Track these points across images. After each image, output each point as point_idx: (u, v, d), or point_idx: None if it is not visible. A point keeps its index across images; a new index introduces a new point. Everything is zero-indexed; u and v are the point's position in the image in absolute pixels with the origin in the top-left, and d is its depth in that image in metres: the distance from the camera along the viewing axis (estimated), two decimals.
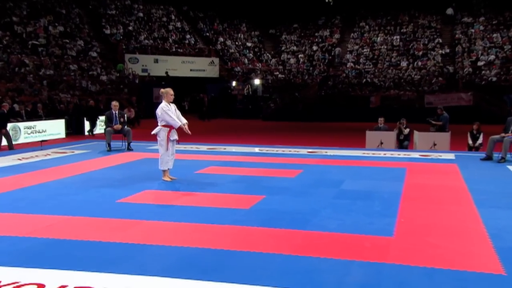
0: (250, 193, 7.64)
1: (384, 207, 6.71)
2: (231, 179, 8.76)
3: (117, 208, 6.58)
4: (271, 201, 7.09)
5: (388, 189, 7.85)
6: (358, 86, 33.24)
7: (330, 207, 6.69)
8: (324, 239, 5.34)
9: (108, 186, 8.02)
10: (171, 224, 5.86)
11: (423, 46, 35.99)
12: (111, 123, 12.37)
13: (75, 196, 7.25)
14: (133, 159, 11.00)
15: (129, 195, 7.35)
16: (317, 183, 8.46)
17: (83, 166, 10.02)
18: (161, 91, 8.52)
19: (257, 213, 6.44)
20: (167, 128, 8.40)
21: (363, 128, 15.83)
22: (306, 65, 37.94)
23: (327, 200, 7.13)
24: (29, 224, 5.74)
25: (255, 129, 25.23)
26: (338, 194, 7.59)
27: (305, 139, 18.67)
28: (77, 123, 20.72)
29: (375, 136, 14.91)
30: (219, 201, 7.11)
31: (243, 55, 39.25)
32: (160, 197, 7.44)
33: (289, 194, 7.52)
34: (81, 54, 29.93)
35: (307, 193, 7.65)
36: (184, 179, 8.69)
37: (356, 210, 6.52)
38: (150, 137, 13.93)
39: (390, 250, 4.98)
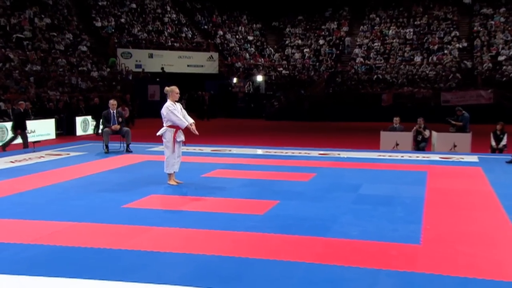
0: (262, 198, 7.76)
1: (407, 213, 6.82)
2: (240, 183, 8.89)
3: (123, 214, 6.69)
4: (286, 206, 7.21)
5: (409, 194, 7.97)
6: (369, 83, 33.38)
7: (350, 213, 6.81)
8: (347, 247, 5.45)
9: (111, 190, 8.14)
10: (183, 231, 5.98)
11: (439, 40, 36.13)
12: (109, 123, 12.48)
13: (77, 201, 7.36)
14: (134, 162, 11.12)
15: (134, 200, 7.47)
16: (333, 187, 8.58)
17: (82, 169, 10.13)
18: (166, 89, 8.64)
19: (272, 219, 6.56)
20: (173, 128, 8.51)
21: (375, 128, 15.97)
22: (312, 60, 38.09)
23: (346, 206, 7.25)
24: (32, 231, 5.85)
25: (258, 129, 25.35)
26: (357, 199, 7.71)
27: (314, 140, 18.78)
28: (68, 123, 20.83)
29: (390, 137, 15.03)
30: (230, 206, 7.23)
31: (244, 50, 39.38)
32: (168, 202, 7.56)
33: (305, 199, 7.64)
34: (69, 48, 30.05)
35: (323, 198, 7.77)
36: (190, 183, 8.80)
37: (378, 216, 6.63)
38: (148, 138, 13.99)
39: (419, 259, 5.08)
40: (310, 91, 33.07)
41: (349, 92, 32.25)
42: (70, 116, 21.09)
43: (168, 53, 34.47)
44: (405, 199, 7.60)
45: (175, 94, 8.59)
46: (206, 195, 7.94)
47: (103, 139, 12.54)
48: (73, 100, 23.12)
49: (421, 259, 5.09)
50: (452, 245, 5.48)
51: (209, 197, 7.81)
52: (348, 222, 6.37)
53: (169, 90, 8.59)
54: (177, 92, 8.61)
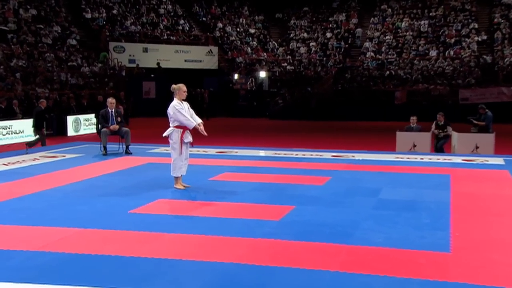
0: (276, 202, 7.91)
1: (433, 219, 6.96)
2: (251, 187, 9.03)
3: (131, 220, 6.82)
4: (302, 212, 7.35)
5: (433, 199, 8.11)
6: (380, 79, 33.55)
7: (371, 219, 6.94)
8: (372, 254, 5.58)
9: (115, 194, 8.29)
10: (197, 237, 6.10)
11: (456, 33, 36.29)
12: (107, 123, 12.62)
13: (80, 206, 7.50)
14: (135, 164, 11.27)
15: (141, 204, 7.61)
16: (351, 191, 8.73)
17: (80, 172, 10.28)
18: (173, 87, 8.78)
19: (289, 225, 6.69)
20: (180, 129, 8.64)
21: (388, 128, 16.13)
22: (319, 54, 38.24)
23: (367, 211, 7.39)
24: (38, 238, 5.98)
25: (262, 129, 25.49)
26: (378, 204, 7.85)
27: (324, 141, 18.92)
28: (58, 122, 20.96)
29: (407, 137, 15.16)
30: (243, 211, 7.36)
31: (246, 44, 39.55)
32: (177, 207, 7.70)
33: (322, 204, 7.79)
34: (58, 42, 30.19)
35: (342, 203, 7.92)
36: (198, 187, 8.94)
37: (402, 223, 6.76)
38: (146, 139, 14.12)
39: (450, 267, 5.21)
40: (317, 88, 33.23)
41: (359, 89, 32.42)
42: (61, 115, 21.22)
43: (164, 47, 34.65)
44: (429, 204, 7.74)
45: (182, 92, 8.73)
46: (216, 199, 8.08)
47: (100, 140, 12.66)
48: (64, 98, 23.24)
49: (452, 267, 5.21)
50: (484, 253, 5.61)
51: (219, 201, 7.96)
52: (371, 229, 6.50)
53: (176, 88, 8.72)
54: (184, 91, 8.75)
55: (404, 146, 15.00)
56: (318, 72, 36.07)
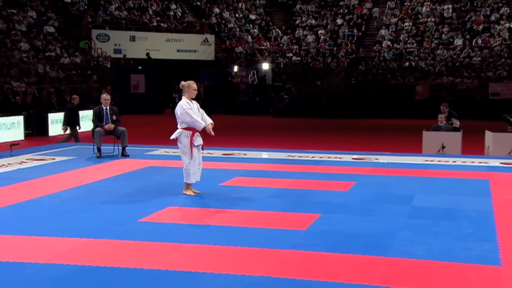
0: (299, 210, 8.13)
1: (477, 229, 7.17)
2: (268, 193, 9.26)
3: (143, 229, 7.03)
4: (330, 220, 7.56)
5: (474, 206, 8.34)
6: (399, 71, 33.79)
7: (408, 229, 7.15)
8: (414, 268, 5.78)
9: (120, 201, 8.51)
10: (218, 249, 6.30)
11: (484, 18, 36.50)
12: (101, 122, 12.80)
13: (84, 214, 7.71)
14: (135, 168, 11.50)
15: (150, 212, 7.82)
16: (380, 198, 8.96)
17: (76, 177, 10.49)
18: (182, 84, 8.96)
19: (318, 235, 6.90)
20: (189, 131, 8.84)
21: (409, 127, 16.37)
22: (329, 44, 38.47)
23: (401, 220, 7.61)
24: (45, 249, 6.18)
25: (267, 128, 25.72)
26: (412, 212, 8.07)
27: (340, 142, 19.15)
28: (38, 120, 21.13)
29: (435, 138, 15.36)
30: (264, 220, 7.58)
31: (246, 32, 39.76)
32: (190, 215, 7.91)
33: (350, 213, 8.01)
34: (33, 29, 30.34)
35: (372, 211, 8.14)
36: (209, 193, 9.17)
37: (442, 233, 6.98)
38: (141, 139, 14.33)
39: (503, 283, 5.42)
40: (327, 82, 33.47)
41: (375, 83, 32.69)
42: (41, 113, 21.39)
43: (154, 36, 34.86)
44: (470, 213, 7.96)
45: (192, 90, 8.91)
46: (232, 207, 8.29)
47: (94, 141, 12.85)
48: (43, 93, 23.42)
49: (505, 283, 5.42)
50: None
51: (235, 209, 8.17)
52: (409, 239, 6.71)
53: (186, 86, 8.90)
54: (194, 89, 8.93)
55: (432, 148, 15.20)
56: (327, 64, 36.31)
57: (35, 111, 21.29)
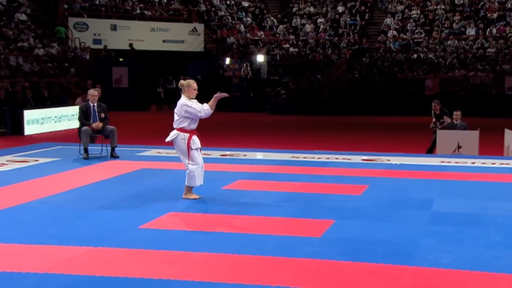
0: (310, 216, 8.33)
1: (505, 236, 7.36)
2: (276, 197, 9.44)
3: (144, 236, 7.19)
4: (345, 227, 7.74)
5: (499, 212, 8.55)
6: (407, 64, 34.00)
7: (430, 236, 7.33)
8: (442, 278, 5.95)
9: (116, 207, 8.68)
10: (230, 257, 6.46)
11: (499, 6, 36.75)
12: (88, 120, 12.92)
13: (79, 220, 7.85)
14: (127, 170, 11.66)
15: (150, 219, 7.97)
16: (397, 203, 9.17)
17: (65, 180, 10.64)
18: (181, 83, 9.09)
19: (334, 243, 7.07)
20: (186, 133, 8.97)
21: (418, 125, 16.50)
22: (329, 34, 38.65)
23: (422, 226, 7.79)
24: (42, 258, 6.31)
25: (264, 126, 25.85)
26: (433, 218, 8.27)
27: (346, 142, 19.37)
28: (12, 118, 21.16)
29: (450, 137, 15.56)
30: (275, 226, 7.75)
31: (238, 20, 39.85)
32: (194, 221, 8.08)
33: (366, 218, 8.20)
34: (3, 17, 30.30)
35: (389, 216, 8.33)
36: (211, 198, 9.34)
37: (468, 240, 7.16)
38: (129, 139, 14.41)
39: None
40: (328, 76, 33.66)
41: (380, 77, 32.89)
42: (15, 109, 21.42)
43: (137, 25, 34.96)
44: (496, 219, 8.15)
45: (192, 90, 9.05)
46: (238, 212, 8.46)
47: (80, 140, 12.96)
48: (17, 87, 23.44)
49: None
50: None
51: (242, 215, 8.34)
52: (432, 247, 6.89)
53: (185, 85, 9.03)
54: (195, 88, 9.07)
55: (447, 148, 15.40)
56: (328, 56, 36.50)
57: (9, 107, 21.32)
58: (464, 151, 15.20)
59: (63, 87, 27.67)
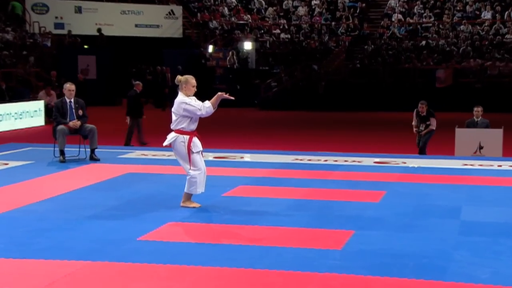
0: (326, 226, 8.58)
1: None
2: (284, 205, 9.71)
3: (146, 249, 7.39)
4: (367, 238, 7.99)
5: None
6: (415, 52, 34.23)
7: (463, 248, 7.59)
8: None
9: (108, 216, 8.89)
10: (244, 272, 6.66)
11: None
12: (65, 118, 13.06)
13: (70, 232, 8.05)
14: (113, 175, 11.86)
15: (149, 229, 8.18)
16: (420, 211, 9.46)
17: (44, 186, 10.83)
18: (178, 78, 9.24)
19: (358, 256, 7.30)
20: (185, 135, 9.16)
21: None
22: (325, 18, 38.79)
23: (453, 237, 8.05)
24: (38, 274, 6.48)
25: (255, 123, 26.03)
26: (464, 228, 8.53)
27: (351, 141, 19.65)
28: None
29: (471, 136, 15.82)
30: (290, 238, 7.98)
31: (221, 2, 39.83)
32: (197, 232, 8.31)
33: (389, 228, 8.48)
34: None
35: (414, 226, 8.60)
36: (213, 206, 9.60)
37: (506, 253, 7.41)
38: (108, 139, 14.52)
39: None
40: (326, 66, 33.85)
41: (385, 67, 33.14)
42: None
43: (105, 7, 35.05)
44: None
45: (190, 87, 9.21)
46: (244, 222, 8.69)
47: (55, 141, 13.09)
48: None
49: None
50: None
51: (250, 225, 8.56)
52: (468, 261, 7.13)
53: (183, 81, 9.17)
54: (193, 85, 9.22)
55: (467, 148, 15.65)
56: (325, 43, 36.65)
57: None
58: (486, 152, 15.43)
59: (21, 79, 27.68)
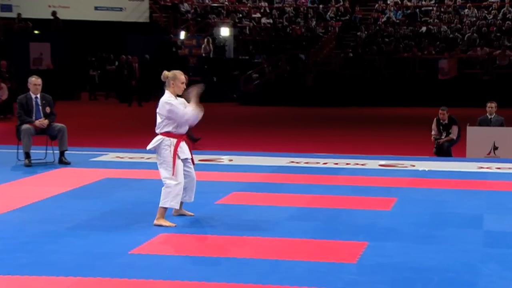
0: (337, 237, 8.81)
1: None
2: (287, 214, 9.95)
3: (140, 264, 7.55)
4: (384, 250, 8.21)
5: None
6: (414, 39, 34.47)
7: (491, 261, 7.82)
8: None
9: (91, 227, 9.06)
10: None
11: None
12: (30, 116, 13.12)
13: (51, 245, 8.18)
14: (89, 181, 11.99)
15: (140, 242, 8.35)
16: (438, 219, 9.73)
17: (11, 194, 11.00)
18: (165, 74, 9.31)
19: (376, 270, 7.51)
20: (173, 138, 9.29)
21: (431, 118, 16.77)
22: (312, 0, 38.92)
23: (478, 249, 8.30)
24: None
25: (235, 121, 26.11)
26: (489, 239, 8.77)
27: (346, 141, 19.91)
28: None
29: (484, 135, 16.08)
30: (298, 250, 8.18)
31: None
32: (193, 244, 8.49)
33: (406, 239, 8.71)
34: None
35: (433, 237, 8.84)
36: (207, 215, 9.85)
37: None
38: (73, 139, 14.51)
39: None
40: (314, 56, 34.01)
41: (380, 56, 33.41)
42: None
43: None
44: None
45: (179, 84, 9.28)
46: (245, 233, 8.87)
47: (19, 142, 13.19)
48: None
49: None
50: None
51: (251, 236, 8.75)
52: (498, 275, 7.35)
53: (171, 77, 9.23)
54: (182, 81, 9.29)
55: (480, 149, 15.92)
56: (312, 29, 36.81)
57: None
58: (502, 154, 15.70)
59: None
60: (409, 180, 12.50)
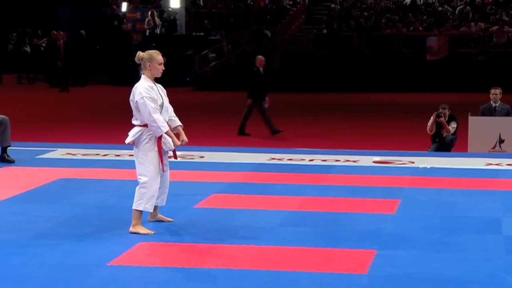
0: (340, 245, 9.09)
1: None
2: (278, 219, 10.26)
3: (121, 276, 7.80)
4: (395, 259, 8.52)
5: None
6: (398, 13, 34.76)
7: None
8: None
9: (61, 236, 9.25)
10: None
11: None
12: None
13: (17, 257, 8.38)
14: (40, 182, 12.13)
15: (118, 252, 8.54)
16: (451, 224, 10.10)
17: None
18: (139, 55, 9.43)
19: (389, 281, 7.83)
20: None
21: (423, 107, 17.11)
22: None
23: (501, 257, 8.64)
24: None
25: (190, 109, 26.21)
26: (511, 246, 9.10)
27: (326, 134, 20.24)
28: None
29: (488, 126, 16.46)
30: (300, 260, 8.45)
31: None
32: (177, 254, 8.77)
33: (418, 247, 9.04)
34: None
35: (449, 244, 9.16)
36: (186, 221, 10.12)
37: None
38: None
39: None
40: (281, 32, 34.15)
41: (360, 33, 33.68)
42: None
43: None
44: None
45: (157, 65, 9.39)
46: (234, 241, 9.15)
47: None
48: None
49: None
50: None
51: (242, 244, 8.99)
52: None
53: (146, 58, 9.32)
54: (160, 62, 9.42)
55: (484, 142, 16.33)
56: (278, 1, 37.02)
57: None
58: (509, 148, 16.15)
59: None
60: (410, 179, 12.82)
